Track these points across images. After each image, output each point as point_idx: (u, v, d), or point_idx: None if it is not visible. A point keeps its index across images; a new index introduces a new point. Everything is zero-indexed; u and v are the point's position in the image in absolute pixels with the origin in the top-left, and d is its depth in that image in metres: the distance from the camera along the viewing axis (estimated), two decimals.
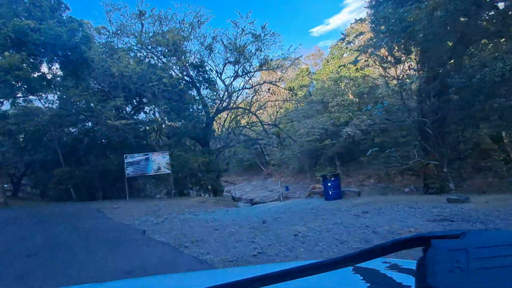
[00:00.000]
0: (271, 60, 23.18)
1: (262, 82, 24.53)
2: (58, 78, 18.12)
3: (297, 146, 27.67)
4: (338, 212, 9.09)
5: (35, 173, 33.51)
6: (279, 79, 23.76)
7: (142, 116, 24.62)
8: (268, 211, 11.14)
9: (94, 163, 24.50)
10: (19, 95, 17.40)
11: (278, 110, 28.38)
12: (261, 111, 26.14)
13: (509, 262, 0.52)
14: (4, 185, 40.31)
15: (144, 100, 21.89)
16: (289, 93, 25.48)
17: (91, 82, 21.37)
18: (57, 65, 17.36)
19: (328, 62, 35.81)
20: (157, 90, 20.64)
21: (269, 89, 24.77)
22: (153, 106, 19.68)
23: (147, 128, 21.00)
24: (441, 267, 0.54)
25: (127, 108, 22.99)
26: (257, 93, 24.81)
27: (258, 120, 24.61)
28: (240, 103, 25.16)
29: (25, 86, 14.72)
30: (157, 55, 22.53)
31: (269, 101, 25.71)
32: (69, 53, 15.73)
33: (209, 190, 23.96)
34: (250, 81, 24.38)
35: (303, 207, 11.57)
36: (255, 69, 23.34)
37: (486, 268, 0.52)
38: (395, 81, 18.46)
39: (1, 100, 15.69)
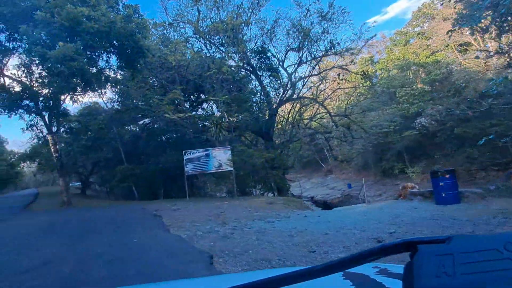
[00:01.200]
0: (338, 43, 20.45)
1: (330, 67, 21.75)
2: (113, 72, 17.10)
3: (367, 140, 24.62)
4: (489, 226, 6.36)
5: (100, 172, 34.30)
6: (351, 62, 20.83)
7: (200, 112, 23.35)
8: (366, 220, 8.71)
9: (153, 161, 23.79)
10: (78, 91, 16.68)
11: (347, 99, 25.35)
12: (327, 101, 23.40)
13: (494, 266, 0.52)
14: (76, 183, 42.58)
15: (202, 96, 20.35)
16: (361, 79, 22.43)
17: (147, 76, 20.31)
18: (112, 56, 16.32)
19: (391, 50, 32.49)
20: (216, 81, 18.99)
21: (338, 75, 21.94)
22: (212, 98, 17.98)
23: (206, 122, 19.40)
24: (428, 272, 0.54)
25: (185, 104, 21.71)
26: (323, 81, 22.17)
27: (325, 110, 21.96)
28: (305, 92, 22.74)
29: (80, 79, 13.71)
30: (215, 43, 20.90)
31: (338, 88, 22.84)
32: (125, 42, 14.54)
33: (273, 189, 21.91)
34: (316, 67, 21.81)
35: (418, 216, 8.84)
36: (322, 53, 20.71)
37: (472, 273, 0.52)
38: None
39: (59, 95, 14.92)
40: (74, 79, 13.33)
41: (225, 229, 7.93)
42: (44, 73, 14.69)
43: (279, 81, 21.00)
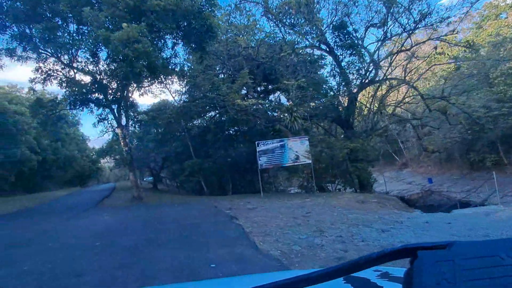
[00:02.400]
0: (430, 13, 16.90)
1: (424, 40, 18.24)
2: (180, 61, 15.87)
3: (466, 126, 20.70)
4: None
5: (171, 166, 34.46)
6: (452, 32, 17.12)
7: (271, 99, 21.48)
8: None
9: (222, 154, 22.60)
10: (144, 80, 15.79)
11: (444, 77, 21.40)
12: (416, 83, 19.84)
13: (496, 273, 0.52)
14: (149, 178, 43.77)
15: (271, 85, 18.31)
16: (465, 51, 18.54)
17: (215, 64, 18.90)
18: (179, 42, 15.04)
19: (480, 26, 27.51)
20: (288, 64, 16.87)
21: (435, 48, 18.39)
22: (287, 82, 15.88)
23: (279, 110, 17.40)
24: (428, 279, 0.53)
25: (254, 92, 19.93)
26: (413, 59, 18.76)
27: (416, 93, 18.57)
28: (390, 73, 19.44)
29: (145, 63, 12.54)
30: (286, 23, 18.69)
31: (434, 65, 19.22)
32: (192, 21, 13.10)
33: (354, 184, 19.25)
34: (404, 43, 18.50)
35: None
36: (410, 26, 17.39)
37: (473, 279, 0.51)
38: None
39: (125, 81, 13.99)
40: (139, 63, 12.17)
41: (328, 241, 5.80)
42: (109, 60, 13.91)
43: (361, 61, 18.15)
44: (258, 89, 20.64)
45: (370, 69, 18.57)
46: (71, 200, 22.87)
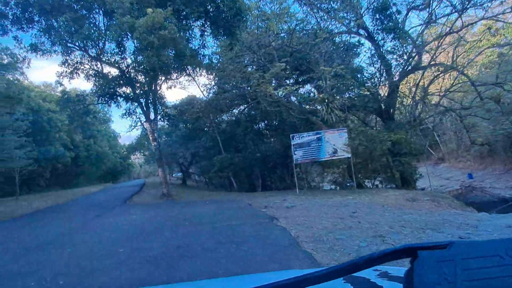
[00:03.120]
0: None
1: (477, 20, 16.35)
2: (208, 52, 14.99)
3: None
4: None
5: (199, 162, 34.10)
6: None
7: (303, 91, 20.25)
8: None
9: (252, 149, 21.71)
10: (171, 71, 15.05)
11: (498, 61, 19.30)
12: (467, 68, 17.96)
13: (497, 273, 0.52)
14: (178, 174, 43.73)
15: (306, 76, 17.05)
16: None
17: (245, 53, 17.91)
18: (207, 29, 14.17)
19: None
20: (324, 50, 15.61)
21: (489, 29, 16.51)
22: (324, 68, 14.64)
23: (313, 101, 16.19)
24: (428, 279, 0.53)
25: (287, 82, 18.79)
26: (462, 43, 16.94)
27: (467, 80, 16.75)
28: (434, 59, 17.69)
29: (172, 51, 11.77)
30: (321, 8, 17.35)
31: (487, 48, 17.27)
32: (220, 5, 12.18)
33: (395, 180, 17.77)
34: (447, 25, 16.75)
35: None
36: (458, 6, 15.61)
37: (474, 279, 0.52)
38: None
39: (151, 72, 13.26)
40: (166, 51, 11.40)
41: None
42: (135, 51, 13.26)
43: (404, 46, 16.49)
44: (290, 80, 19.47)
45: (413, 55, 16.92)
46: (101, 196, 22.77)
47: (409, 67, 17.24)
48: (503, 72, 16.46)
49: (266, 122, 23.09)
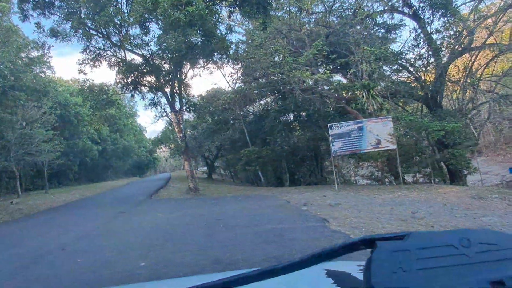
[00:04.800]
0: None
1: None
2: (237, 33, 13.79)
3: None
4: None
5: (225, 155, 33.38)
6: None
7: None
8: None
9: (280, 142, 20.46)
10: (198, 56, 13.97)
11: None
12: None
13: (450, 262, 0.54)
14: (203, 167, 43.20)
15: (343, 60, 15.50)
16: None
17: (276, 38, 16.59)
18: (235, 6, 12.88)
19: None
20: (364, 31, 14.07)
21: None
22: (367, 48, 13.13)
23: (351, 88, 14.68)
24: (385, 268, 0.55)
25: (320, 70, 17.35)
26: None
27: None
28: (488, 38, 15.67)
29: (201, 30, 10.61)
30: None
31: None
32: None
33: (443, 174, 16.08)
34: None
35: None
36: None
37: (427, 268, 0.54)
38: None
39: (178, 56, 12.15)
40: (193, 30, 10.26)
41: None
42: (161, 33, 12.21)
43: (455, 24, 14.57)
44: (325, 66, 18.00)
45: (464, 35, 15.01)
46: (127, 190, 22.32)
47: (460, 48, 15.36)
48: None
49: (295, 113, 21.74)
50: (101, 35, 14.15)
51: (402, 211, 7.60)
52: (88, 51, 14.16)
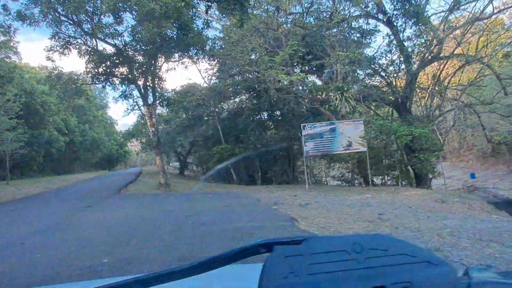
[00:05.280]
0: None
1: (505, 7, 14.96)
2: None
3: None
4: None
5: (198, 152, 33.07)
6: None
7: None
8: None
9: (253, 140, 20.52)
10: (173, 51, 13.71)
11: None
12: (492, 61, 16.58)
13: (341, 266, 0.56)
14: (175, 163, 42.56)
15: (319, 61, 15.71)
16: None
17: (253, 36, 16.55)
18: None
19: None
20: (340, 35, 14.32)
21: None
22: (341, 52, 13.37)
23: (325, 90, 14.91)
24: (277, 272, 0.55)
25: (296, 68, 17.49)
26: (487, 31, 15.65)
27: (493, 73, 15.49)
28: (456, 48, 16.36)
29: (177, 24, 10.41)
30: None
31: None
32: None
33: (409, 177, 16.64)
34: (472, 13, 15.41)
35: None
36: None
37: (317, 273, 0.55)
38: None
39: (152, 49, 11.86)
40: (168, 23, 10.05)
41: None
42: (134, 23, 11.88)
43: (426, 33, 15.12)
44: (300, 67, 18.16)
45: (434, 44, 15.61)
46: (95, 184, 21.61)
47: (430, 56, 15.95)
48: None
49: (270, 112, 21.82)
50: (71, 22, 13.58)
51: (369, 212, 7.79)
52: (57, 37, 13.56)
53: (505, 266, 3.82)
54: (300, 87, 16.34)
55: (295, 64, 17.44)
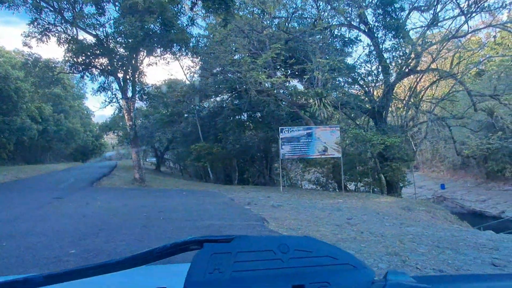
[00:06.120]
0: None
1: (483, 27, 15.74)
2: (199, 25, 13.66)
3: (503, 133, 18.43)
4: None
5: (176, 148, 32.85)
6: None
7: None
8: None
9: (232, 140, 20.64)
10: (155, 46, 13.62)
11: (499, 72, 18.75)
12: (464, 77, 17.36)
13: (267, 265, 0.59)
14: (152, 159, 42.00)
15: (300, 66, 15.98)
16: None
17: (237, 36, 16.64)
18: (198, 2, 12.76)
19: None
20: (322, 42, 14.62)
21: (494, 38, 16.02)
22: (321, 59, 13.66)
23: (305, 95, 15.19)
24: (203, 269, 0.57)
25: (278, 72, 17.71)
26: (461, 50, 16.39)
27: (464, 89, 16.19)
28: (432, 64, 17.03)
29: (160, 19, 10.36)
30: None
31: (491, 57, 16.79)
32: None
33: (382, 185, 17.13)
34: (450, 30, 16.11)
35: None
36: (465, 10, 14.94)
37: (244, 270, 0.58)
38: None
39: (134, 42, 11.74)
40: (151, 17, 9.99)
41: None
42: (117, 15, 11.73)
43: (404, 46, 15.67)
44: (281, 71, 18.38)
45: (412, 57, 16.20)
46: (68, 175, 21.09)
47: (407, 69, 16.52)
48: (503, 84, 15.99)
49: (250, 113, 21.95)
50: (52, 9, 13.26)
51: (339, 217, 8.03)
52: (36, 24, 13.20)
53: (455, 271, 4.09)
54: (281, 91, 16.57)
55: (278, 67, 17.68)
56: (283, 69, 18.27)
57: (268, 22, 16.60)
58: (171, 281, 0.98)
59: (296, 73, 17.77)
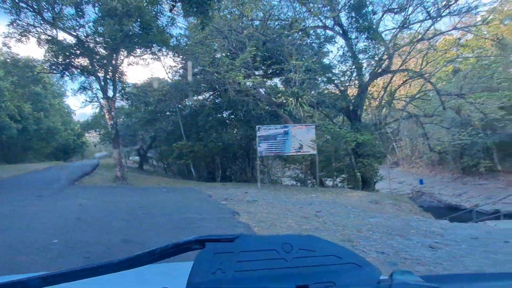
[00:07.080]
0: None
1: (446, 30, 16.64)
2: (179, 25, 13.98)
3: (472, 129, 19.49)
4: None
5: (159, 147, 32.94)
6: (483, 22, 15.53)
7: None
8: None
9: (213, 138, 21.02)
10: (135, 46, 13.89)
11: (466, 73, 19.72)
12: (434, 77, 18.30)
13: (270, 265, 0.59)
14: (134, 157, 41.88)
15: (277, 66, 16.51)
16: (495, 47, 17.03)
17: (216, 37, 17.05)
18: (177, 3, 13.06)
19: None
20: (298, 43, 15.19)
21: (459, 39, 16.90)
22: (296, 61, 14.23)
23: (283, 94, 15.75)
24: (205, 268, 0.57)
25: (256, 72, 18.19)
26: (431, 51, 17.25)
27: (432, 88, 17.10)
28: (403, 64, 17.87)
29: (138, 22, 10.69)
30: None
31: (457, 58, 17.73)
32: None
33: (357, 180, 17.88)
34: (419, 32, 16.96)
35: None
36: (433, 13, 15.76)
37: (247, 270, 0.58)
38: None
39: (113, 43, 12.01)
40: (130, 21, 10.31)
41: (371, 260, 4.32)
42: (97, 18, 11.95)
43: (376, 47, 16.45)
44: (260, 71, 18.88)
45: (384, 58, 16.97)
46: (49, 174, 21.03)
47: (380, 69, 17.28)
48: (467, 84, 16.96)
49: (231, 111, 22.39)
50: (31, 9, 13.35)
51: (309, 210, 8.60)
52: (15, 25, 13.28)
53: (395, 253, 4.70)
54: (261, 90, 17.06)
55: (257, 67, 18.16)
56: (264, 68, 18.78)
57: (249, 23, 17.03)
58: (173, 281, 0.98)
59: (277, 71, 18.32)
